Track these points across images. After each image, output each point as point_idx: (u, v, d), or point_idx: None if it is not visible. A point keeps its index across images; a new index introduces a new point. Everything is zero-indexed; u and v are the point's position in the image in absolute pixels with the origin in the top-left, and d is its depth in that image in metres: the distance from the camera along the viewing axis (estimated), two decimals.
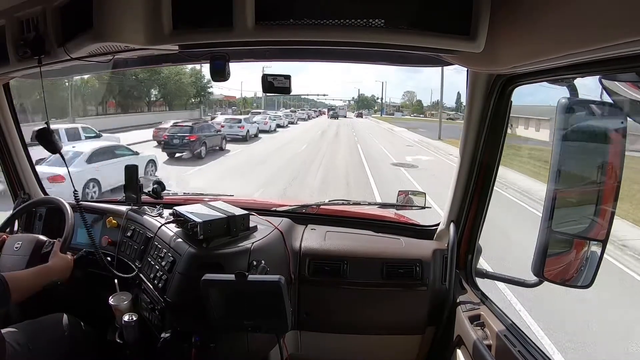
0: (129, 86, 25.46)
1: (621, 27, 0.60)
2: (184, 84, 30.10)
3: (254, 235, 1.45)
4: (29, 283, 1.32)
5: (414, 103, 75.07)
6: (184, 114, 26.87)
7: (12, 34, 1.23)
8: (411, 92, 79.17)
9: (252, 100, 51.51)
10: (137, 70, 17.18)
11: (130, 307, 1.48)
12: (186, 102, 31.37)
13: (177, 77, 29.06)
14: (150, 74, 26.33)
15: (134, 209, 1.72)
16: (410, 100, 76.58)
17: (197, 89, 31.86)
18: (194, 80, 30.97)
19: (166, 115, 23.92)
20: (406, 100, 77.26)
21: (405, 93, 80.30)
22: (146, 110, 27.80)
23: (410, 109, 71.55)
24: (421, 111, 68.58)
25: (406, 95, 78.42)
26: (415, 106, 72.91)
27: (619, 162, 0.88)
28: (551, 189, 0.93)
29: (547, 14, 0.75)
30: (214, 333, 1.28)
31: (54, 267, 1.43)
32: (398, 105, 75.23)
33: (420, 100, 75.36)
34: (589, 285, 0.95)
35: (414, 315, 1.49)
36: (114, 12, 0.93)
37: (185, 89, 30.58)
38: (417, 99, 76.16)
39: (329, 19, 0.90)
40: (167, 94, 29.63)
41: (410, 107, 73.29)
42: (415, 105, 73.91)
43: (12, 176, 1.90)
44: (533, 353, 1.07)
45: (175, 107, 30.09)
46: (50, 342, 1.35)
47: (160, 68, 20.15)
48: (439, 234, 1.60)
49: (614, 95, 0.83)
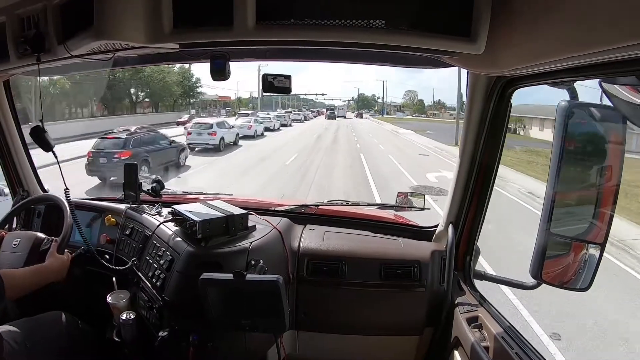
0: (109, 86, 22.73)
1: (622, 30, 0.60)
2: (169, 83, 27.32)
3: (252, 234, 1.45)
4: (25, 281, 1.33)
5: (416, 103, 72.42)
6: (171, 116, 25.26)
7: (13, 31, 1.23)
8: (412, 91, 74.96)
9: (248, 101, 49.19)
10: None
11: (128, 306, 1.48)
12: (174, 103, 29.42)
13: (160, 75, 26.21)
14: (132, 72, 23.58)
15: (133, 207, 1.72)
16: (412, 99, 73.84)
17: (184, 88, 29.41)
18: (180, 80, 28.52)
19: (147, 119, 22.07)
20: (407, 99, 74.64)
21: (406, 92, 76.70)
22: (129, 112, 25.48)
23: (412, 109, 69.03)
24: (423, 111, 66.53)
25: (407, 94, 75.52)
26: (417, 106, 70.49)
27: (618, 165, 0.89)
28: (550, 191, 0.93)
29: (547, 16, 0.75)
30: (212, 332, 1.28)
31: (50, 267, 1.43)
32: (399, 105, 72.60)
33: (422, 99, 72.98)
34: (587, 288, 0.95)
35: (412, 316, 1.49)
36: (114, 10, 0.93)
37: (170, 89, 27.78)
38: (418, 98, 73.45)
39: (330, 20, 0.90)
40: (152, 95, 27.17)
41: (412, 107, 70.79)
42: (417, 105, 71.18)
43: (12, 173, 1.90)
44: (530, 355, 1.07)
45: (163, 109, 28.18)
46: (48, 340, 1.35)
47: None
48: (437, 235, 1.60)
49: (613, 99, 0.83)
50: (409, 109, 69.71)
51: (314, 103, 71.99)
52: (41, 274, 1.39)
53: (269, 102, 47.73)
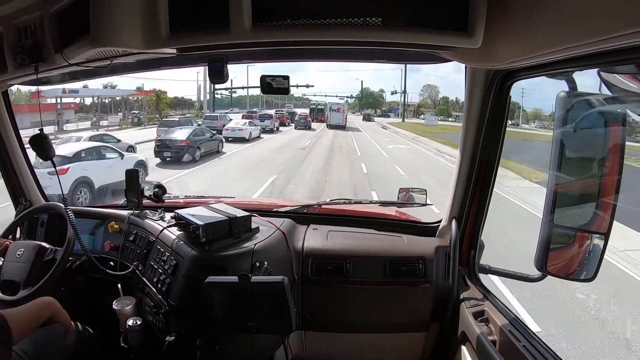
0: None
1: (619, 18, 0.60)
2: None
3: (256, 236, 1.45)
4: (30, 317, 1.18)
5: (438, 101, 53.09)
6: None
7: (10, 41, 1.23)
8: (433, 86, 53.56)
9: (173, 101, 33.03)
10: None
11: (134, 312, 1.48)
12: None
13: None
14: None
15: (136, 213, 1.72)
16: (432, 97, 54.25)
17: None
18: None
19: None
20: (426, 97, 54.68)
21: (425, 87, 54.72)
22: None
23: (435, 110, 49.58)
24: (448, 113, 47.34)
25: (426, 90, 54.42)
26: (441, 106, 50.91)
27: (619, 155, 0.88)
28: (552, 183, 0.93)
29: (544, 8, 0.75)
30: (219, 335, 1.28)
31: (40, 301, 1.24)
32: (417, 104, 52.72)
33: (447, 97, 52.39)
34: (592, 279, 0.95)
35: (418, 313, 1.49)
36: (111, 17, 0.93)
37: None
38: (440, 95, 53.61)
39: (326, 19, 0.90)
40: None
41: (432, 108, 51.81)
42: (441, 104, 51.70)
43: (13, 183, 1.90)
44: (538, 347, 1.07)
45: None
46: (57, 348, 1.35)
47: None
48: (441, 230, 1.60)
49: (612, 88, 0.83)
50: (428, 110, 50.98)
51: (301, 99, 50.39)
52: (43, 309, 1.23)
53: (221, 104, 32.92)
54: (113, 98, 28.06)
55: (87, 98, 26.74)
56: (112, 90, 27.57)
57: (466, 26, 0.89)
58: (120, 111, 27.40)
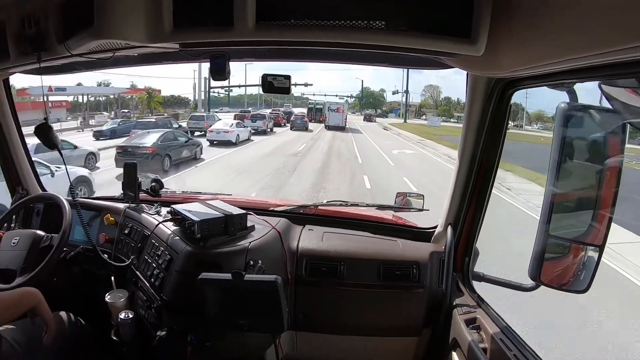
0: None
1: (622, 32, 0.60)
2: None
3: (251, 234, 1.44)
4: (10, 303, 1.18)
5: (440, 102, 52.51)
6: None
7: (13, 29, 1.23)
8: (435, 86, 53.27)
9: (163, 101, 31.04)
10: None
11: (126, 305, 1.48)
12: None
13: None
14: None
15: (132, 206, 1.72)
16: (434, 97, 53.72)
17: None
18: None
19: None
20: (428, 97, 54.31)
21: (426, 88, 54.46)
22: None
23: (437, 111, 49.32)
24: (451, 113, 46.96)
25: (428, 90, 53.95)
26: (443, 106, 50.49)
27: (617, 168, 0.89)
28: (549, 193, 0.93)
29: (547, 18, 0.75)
30: (210, 332, 1.28)
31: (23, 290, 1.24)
32: (418, 104, 52.34)
33: (449, 97, 51.43)
34: (585, 290, 0.95)
35: (410, 317, 1.49)
36: (115, 10, 0.93)
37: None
38: (442, 95, 52.87)
39: (330, 20, 0.90)
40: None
41: (434, 108, 51.67)
42: (443, 105, 51.28)
43: (11, 172, 1.90)
44: (529, 357, 1.07)
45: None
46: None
47: None
48: (436, 236, 1.60)
49: (613, 101, 0.83)
50: (430, 110, 50.68)
51: (300, 99, 47.84)
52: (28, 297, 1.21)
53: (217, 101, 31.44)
54: (107, 96, 27.00)
55: (80, 96, 25.58)
56: (103, 88, 26.61)
57: (469, 33, 0.89)
58: (112, 110, 26.37)
